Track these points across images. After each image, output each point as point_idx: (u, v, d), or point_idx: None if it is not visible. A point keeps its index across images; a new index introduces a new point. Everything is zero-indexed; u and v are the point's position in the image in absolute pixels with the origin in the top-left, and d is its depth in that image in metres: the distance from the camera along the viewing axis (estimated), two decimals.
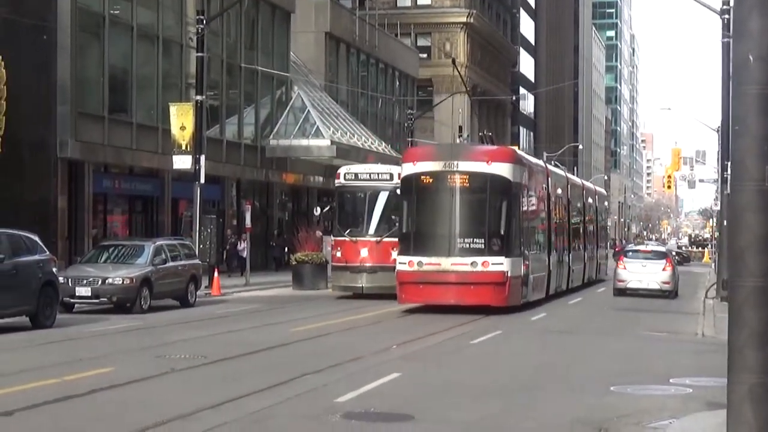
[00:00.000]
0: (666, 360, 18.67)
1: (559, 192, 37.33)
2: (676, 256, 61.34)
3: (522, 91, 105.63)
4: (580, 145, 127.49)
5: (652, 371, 16.91)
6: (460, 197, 27.87)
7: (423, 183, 28.13)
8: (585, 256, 43.48)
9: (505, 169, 28.17)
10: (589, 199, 46.95)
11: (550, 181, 35.68)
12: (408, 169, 28.63)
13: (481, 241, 27.59)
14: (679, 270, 41.20)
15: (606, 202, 58.29)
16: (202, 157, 35.07)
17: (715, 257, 52.87)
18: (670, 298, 36.03)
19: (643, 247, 45.64)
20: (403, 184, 28.79)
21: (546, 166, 37.01)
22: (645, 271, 36.74)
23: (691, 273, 58.98)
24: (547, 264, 33.60)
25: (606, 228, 58.60)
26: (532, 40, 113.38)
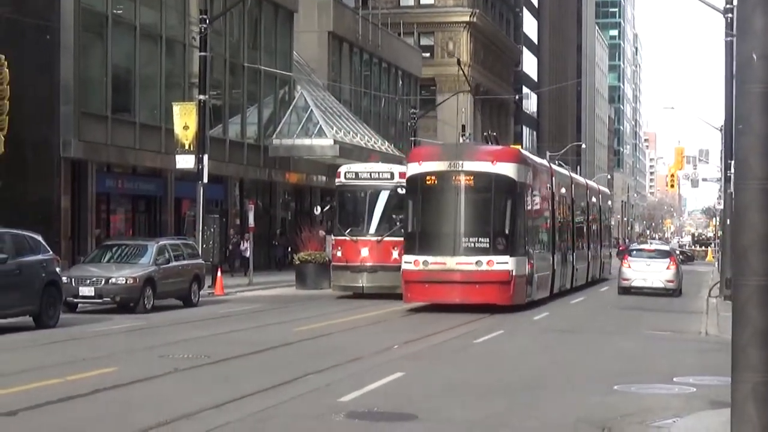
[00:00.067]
0: (669, 359, 18.65)
1: (563, 191, 37.33)
2: (680, 255, 61.26)
3: (525, 90, 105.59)
4: (583, 144, 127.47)
5: (655, 370, 16.88)
6: (465, 197, 27.89)
7: (428, 183, 28.15)
8: (589, 255, 43.46)
9: (509, 169, 28.22)
10: (593, 199, 46.90)
11: (554, 180, 35.69)
12: (413, 168, 28.67)
13: (486, 240, 27.63)
14: (683, 269, 41.19)
15: (609, 201, 58.26)
16: (205, 157, 35.08)
17: (719, 256, 52.83)
18: (674, 297, 36.08)
19: (647, 245, 45.69)
20: (409, 184, 28.83)
21: (550, 165, 37.03)
22: (649, 270, 36.84)
23: (694, 272, 58.93)
24: (552, 263, 33.63)
25: (609, 227, 58.54)
26: (535, 40, 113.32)
